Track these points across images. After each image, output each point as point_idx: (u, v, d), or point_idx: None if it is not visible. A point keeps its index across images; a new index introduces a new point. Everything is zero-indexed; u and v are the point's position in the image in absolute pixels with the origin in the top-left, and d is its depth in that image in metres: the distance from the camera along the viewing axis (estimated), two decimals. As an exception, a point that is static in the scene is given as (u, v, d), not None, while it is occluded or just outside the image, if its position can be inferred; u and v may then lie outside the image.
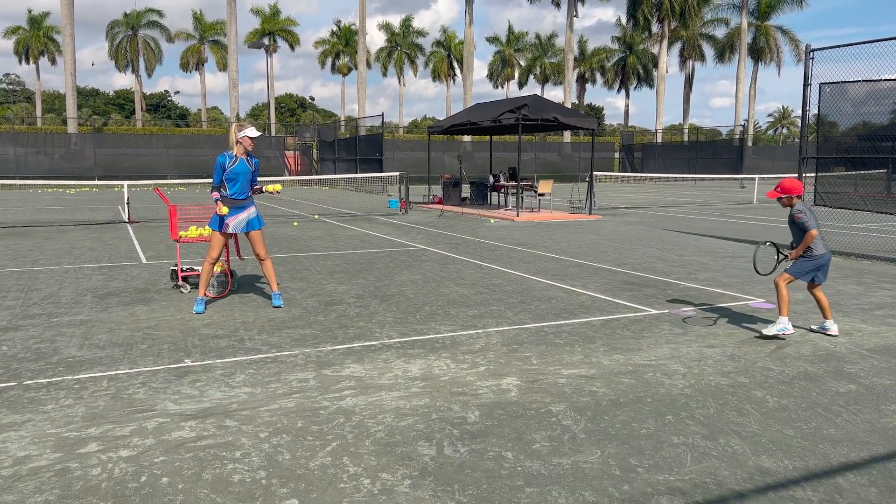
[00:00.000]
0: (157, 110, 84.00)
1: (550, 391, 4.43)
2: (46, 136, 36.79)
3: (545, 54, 68.49)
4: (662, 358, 5.19)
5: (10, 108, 67.03)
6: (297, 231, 14.09)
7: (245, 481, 3.21)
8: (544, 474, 3.28)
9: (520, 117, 16.89)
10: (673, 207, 21.60)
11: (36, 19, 60.47)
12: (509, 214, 17.27)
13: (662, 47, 53.21)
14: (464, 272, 8.99)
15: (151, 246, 11.57)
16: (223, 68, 60.73)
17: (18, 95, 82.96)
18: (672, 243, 12.21)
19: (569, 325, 6.15)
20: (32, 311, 6.64)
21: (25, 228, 14.38)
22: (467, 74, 48.85)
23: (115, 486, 3.15)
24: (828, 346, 5.52)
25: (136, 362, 5.00)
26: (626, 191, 33.02)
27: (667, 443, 3.65)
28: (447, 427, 3.84)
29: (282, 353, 5.26)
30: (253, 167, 6.81)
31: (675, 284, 8.21)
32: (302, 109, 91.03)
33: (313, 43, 70.61)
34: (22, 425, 3.83)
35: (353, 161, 33.07)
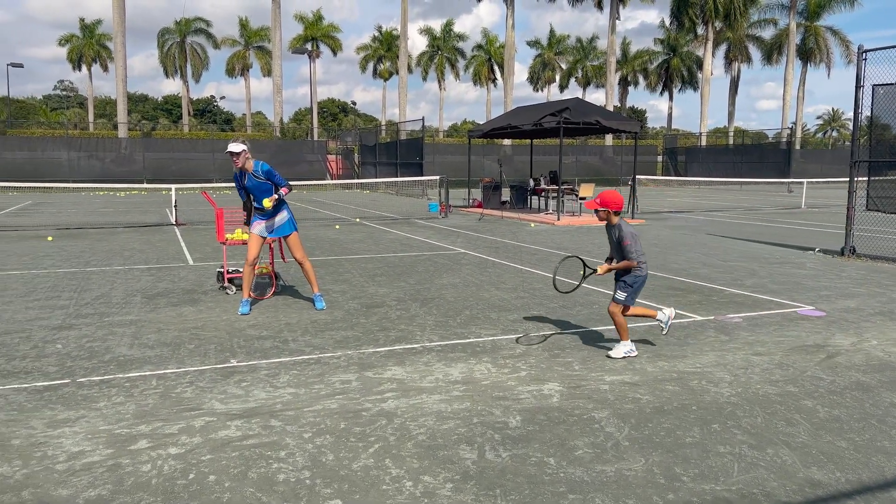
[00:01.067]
0: (204, 115, 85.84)
1: (593, 397, 4.39)
2: (98, 140, 37.93)
3: (587, 57, 67.94)
4: (708, 365, 5.09)
5: (63, 114, 69.26)
6: (339, 234, 14.24)
7: (290, 481, 3.25)
8: (587, 481, 3.25)
9: (561, 120, 16.79)
10: (717, 212, 21.20)
11: (89, 27, 62.36)
12: (550, 218, 17.16)
13: (707, 49, 52.32)
14: (504, 276, 8.97)
15: (198, 248, 11.82)
16: (267, 74, 61.73)
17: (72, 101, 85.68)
18: (717, 248, 11.98)
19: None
20: (85, 310, 6.85)
21: (78, 230, 14.83)
22: (508, 78, 48.78)
23: (165, 482, 3.23)
24: (881, 356, 5.35)
25: (183, 362, 5.11)
26: (670, 195, 32.53)
27: (713, 452, 3.59)
28: (489, 431, 3.84)
29: (324, 355, 5.32)
30: (261, 177, 6.71)
31: (721, 290, 8.06)
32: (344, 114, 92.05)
33: (355, 48, 71.44)
34: (76, 421, 3.95)
35: (394, 165, 33.28)
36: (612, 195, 5.29)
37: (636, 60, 65.67)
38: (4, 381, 4.62)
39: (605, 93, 50.41)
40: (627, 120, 19.65)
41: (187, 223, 16.44)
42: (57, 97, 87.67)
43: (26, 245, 12.14)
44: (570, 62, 69.11)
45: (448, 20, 78.48)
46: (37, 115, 59.06)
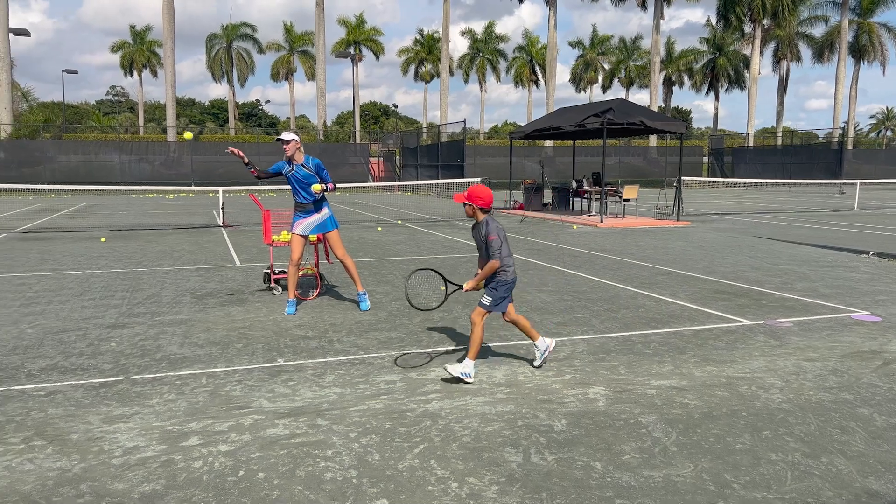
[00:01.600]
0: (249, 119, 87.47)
1: (640, 402, 4.33)
2: (148, 144, 38.97)
3: (630, 57, 67.14)
4: (758, 371, 4.98)
5: (115, 118, 71.33)
6: (381, 236, 14.35)
7: (336, 480, 3.29)
8: (635, 486, 3.21)
9: (605, 121, 16.63)
10: (766, 214, 20.72)
11: (139, 34, 64.13)
12: (593, 220, 17.01)
13: (755, 48, 51.21)
14: (547, 278, 8.92)
15: (245, 249, 12.04)
16: (311, 78, 62.64)
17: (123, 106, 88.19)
18: (765, 251, 11.71)
19: (658, 335, 6.00)
20: (137, 309, 7.04)
21: (130, 231, 15.25)
22: (550, 79, 48.51)
23: (216, 478, 3.30)
24: (942, 363, 5.16)
25: (232, 361, 5.21)
26: (716, 196, 31.92)
27: (764, 459, 3.51)
28: (533, 434, 3.82)
29: (369, 355, 5.36)
30: (311, 170, 6.78)
31: (770, 294, 7.87)
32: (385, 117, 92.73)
33: (397, 51, 71.89)
34: (130, 418, 4.06)
35: (435, 167, 33.40)
36: (480, 189, 4.79)
37: (681, 60, 64.62)
38: (62, 378, 4.78)
39: (649, 93, 49.74)
40: (672, 120, 19.35)
41: (234, 225, 16.77)
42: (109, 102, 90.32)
43: (81, 245, 12.53)
44: (613, 62, 68.41)
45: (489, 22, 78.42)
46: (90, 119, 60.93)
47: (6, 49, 35.80)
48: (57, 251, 11.75)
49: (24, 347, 5.56)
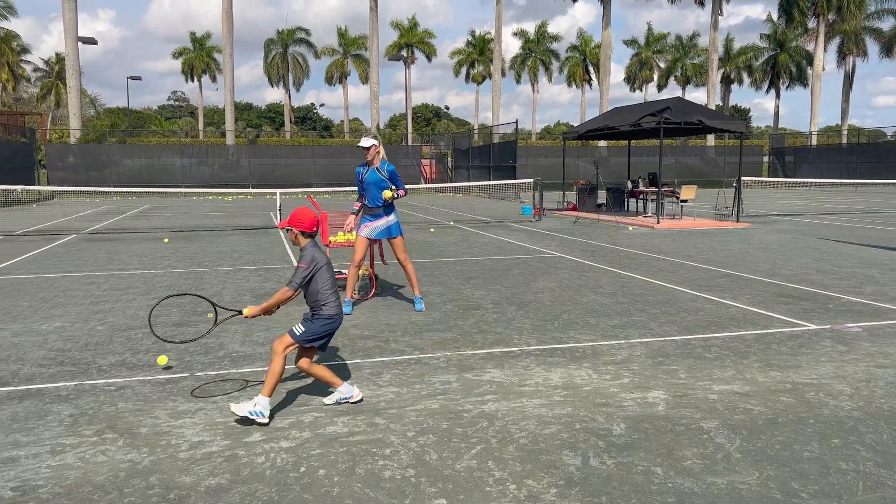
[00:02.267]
0: (304, 122, 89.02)
1: (701, 407, 4.24)
2: (207, 147, 40.06)
3: (686, 55, 65.76)
4: (825, 377, 4.82)
5: (176, 123, 73.60)
6: (433, 237, 14.41)
7: (395, 478, 3.32)
8: (697, 493, 3.15)
9: (661, 120, 16.34)
10: (830, 215, 20.01)
11: (199, 40, 66.00)
12: (649, 221, 16.72)
13: (818, 43, 49.53)
14: (602, 280, 8.81)
15: (300, 250, 12.25)
16: (364, 81, 63.38)
17: (183, 111, 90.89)
18: (831, 253, 11.31)
19: (718, 339, 5.87)
20: (200, 308, 7.24)
21: (191, 232, 15.71)
22: (603, 78, 47.91)
23: (278, 474, 3.37)
24: None
25: (291, 359, 5.30)
26: (777, 197, 30.98)
27: (834, 468, 3.39)
28: (592, 438, 3.78)
29: (424, 356, 5.40)
30: (385, 174, 6.83)
31: (837, 298, 7.60)
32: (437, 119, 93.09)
33: (449, 53, 72.09)
34: (195, 413, 4.19)
35: (487, 168, 33.37)
36: (302, 212, 4.30)
37: (740, 57, 62.94)
38: (131, 374, 4.96)
39: (707, 91, 48.62)
40: (732, 119, 18.88)
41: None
42: (170, 107, 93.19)
43: (145, 246, 12.97)
44: (668, 61, 67.13)
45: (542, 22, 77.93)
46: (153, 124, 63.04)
47: (75, 57, 37.32)
48: (123, 251, 12.19)
49: (95, 344, 5.79)
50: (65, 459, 3.54)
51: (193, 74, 66.51)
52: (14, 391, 4.59)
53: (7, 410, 4.24)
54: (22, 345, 5.77)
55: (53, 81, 59.47)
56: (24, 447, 3.69)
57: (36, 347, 5.69)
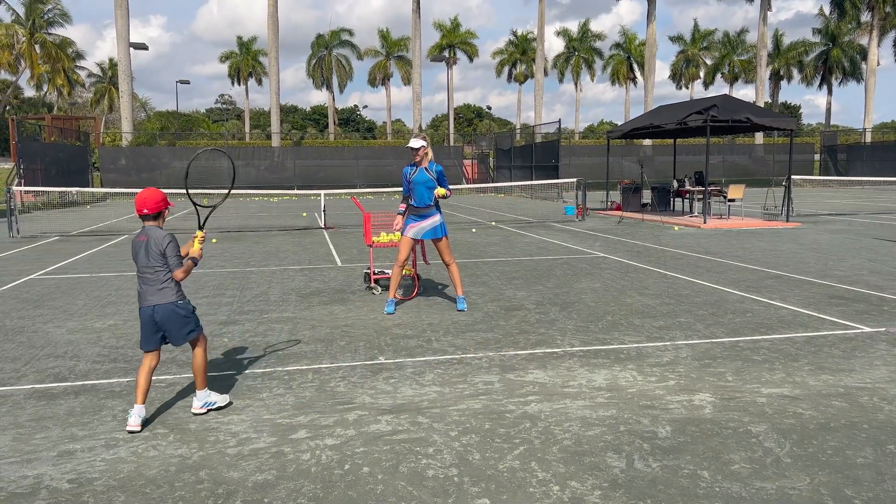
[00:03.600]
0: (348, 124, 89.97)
1: (749, 410, 4.16)
2: (254, 149, 40.79)
3: (734, 51, 64.34)
4: (880, 381, 4.67)
5: (223, 125, 75.13)
6: (475, 237, 14.41)
7: (438, 477, 3.34)
8: (745, 497, 3.09)
9: (708, 118, 16.03)
10: (886, 214, 19.36)
11: (245, 44, 67.27)
12: (695, 221, 16.42)
13: (873, 37, 47.94)
14: (647, 281, 8.69)
15: (345, 250, 12.40)
16: (407, 82, 63.70)
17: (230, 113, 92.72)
18: (886, 254, 10.95)
19: (767, 341, 5.74)
20: (247, 307, 7.39)
21: (238, 233, 16.03)
22: (648, 76, 47.22)
23: (323, 471, 3.42)
24: None
25: (336, 357, 5.39)
26: (829, 196, 30.10)
27: (889, 475, 3.29)
28: (636, 440, 3.74)
29: (467, 356, 5.41)
30: (433, 175, 6.91)
31: (892, 300, 7.35)
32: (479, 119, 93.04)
33: (491, 53, 72.01)
34: (243, 410, 4.27)
35: (529, 168, 33.21)
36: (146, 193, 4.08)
37: (790, 53, 61.35)
38: (181, 371, 5.09)
39: (755, 88, 47.52)
40: (781, 117, 18.42)
41: (335, 227, 17.29)
42: (218, 110, 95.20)
43: (194, 246, 13.27)
44: (715, 58, 65.79)
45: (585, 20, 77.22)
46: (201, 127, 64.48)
47: (127, 62, 38.41)
48: (173, 251, 12.49)
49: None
50: (118, 453, 3.65)
51: (239, 78, 67.83)
52: (70, 387, 4.76)
53: (64, 405, 4.39)
54: (77, 342, 5.97)
55: (107, 86, 61.29)
56: (80, 441, 3.82)
57: (91, 344, 5.88)
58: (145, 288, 4.04)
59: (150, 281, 4.03)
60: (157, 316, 4.03)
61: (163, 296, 4.03)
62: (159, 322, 4.05)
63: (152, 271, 4.02)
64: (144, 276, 4.04)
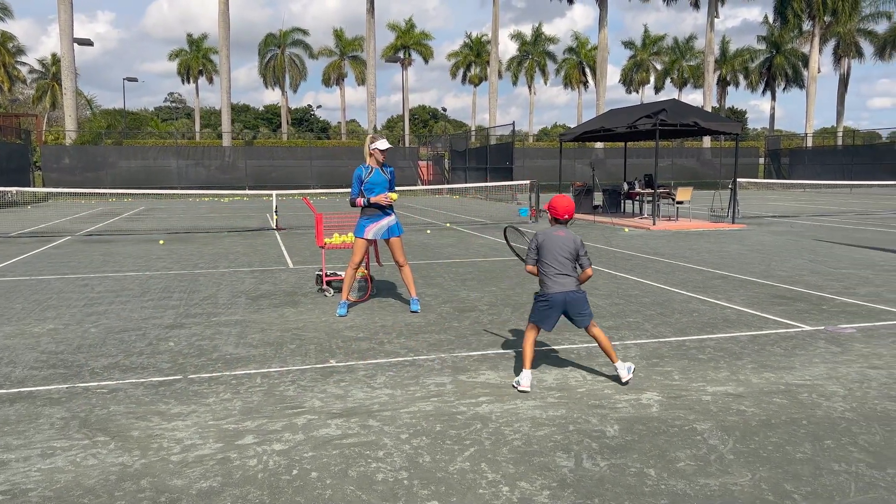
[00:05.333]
0: (301, 124, 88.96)
1: (694, 408, 4.24)
2: (204, 149, 40.02)
3: (683, 57, 65.93)
4: (819, 378, 4.82)
5: (172, 125, 73.50)
6: (429, 239, 14.41)
7: (388, 480, 3.31)
8: (690, 494, 3.14)
9: (657, 122, 16.35)
10: (825, 216, 20.06)
11: (196, 42, 65.94)
12: (645, 223, 16.74)
13: (814, 45, 49.67)
14: (598, 282, 8.81)
15: (297, 252, 12.25)
16: (362, 83, 63.35)
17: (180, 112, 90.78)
18: (826, 255, 11.33)
19: (713, 340, 5.87)
20: (194, 310, 7.23)
21: (187, 234, 15.68)
22: (600, 80, 47.97)
23: (270, 477, 3.36)
24: None
25: (285, 361, 5.31)
26: (772, 199, 31.05)
27: (826, 469, 3.39)
28: (585, 440, 3.78)
29: (419, 357, 5.39)
30: (388, 176, 6.99)
31: (831, 299, 7.61)
32: (434, 120, 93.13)
33: (446, 55, 72.16)
34: (188, 416, 4.17)
35: (484, 170, 33.38)
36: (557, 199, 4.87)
37: (736, 59, 63.12)
38: (124, 376, 4.94)
39: (703, 93, 48.72)
40: (727, 121, 18.91)
41: (287, 228, 17.07)
42: (167, 109, 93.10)
43: (140, 248, 12.95)
44: (665, 63, 67.29)
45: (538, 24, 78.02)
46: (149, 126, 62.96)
47: (71, 58, 37.25)
48: (118, 253, 12.17)
49: (88, 346, 5.77)
50: (55, 463, 3.52)
51: (189, 76, 66.45)
52: (5, 394, 4.57)
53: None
54: (14, 347, 5.75)
55: (49, 83, 59.35)
56: (14, 450, 3.67)
57: (28, 350, 5.67)
58: (559, 278, 4.66)
59: (564, 272, 4.66)
60: (568, 300, 4.65)
61: (573, 284, 4.68)
62: (568, 305, 4.66)
63: (566, 265, 4.67)
64: (557, 268, 4.66)
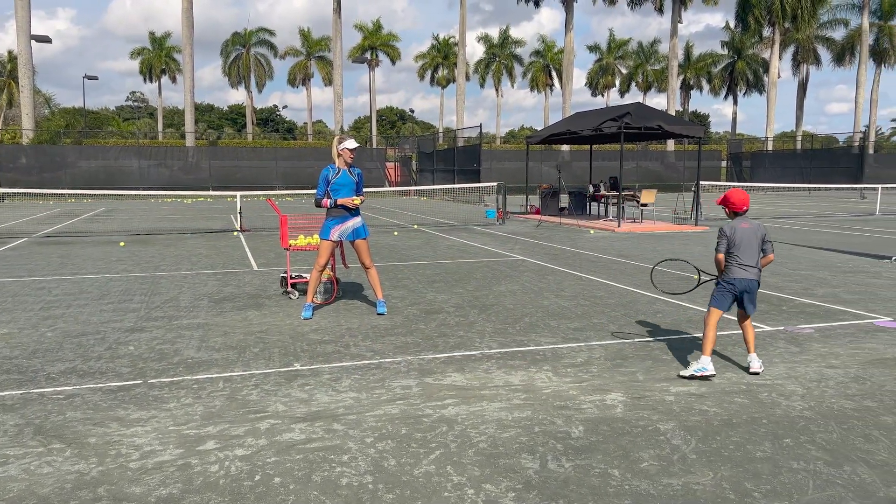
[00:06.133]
0: (267, 124, 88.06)
1: (658, 409, 4.29)
2: (167, 149, 39.35)
3: (648, 61, 66.89)
4: (778, 378, 4.92)
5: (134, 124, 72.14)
6: (397, 240, 14.36)
7: (352, 485, 3.28)
8: (653, 494, 3.17)
9: (622, 125, 16.55)
10: (785, 219, 20.51)
11: (158, 40, 64.84)
12: (610, 225, 16.92)
13: (774, 51, 50.79)
14: (563, 283, 8.87)
15: (262, 254, 12.10)
16: (328, 83, 63.00)
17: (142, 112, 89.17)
18: (785, 256, 11.58)
19: (676, 341, 5.95)
20: (155, 313, 7.09)
21: (148, 236, 15.39)
22: (566, 83, 48.39)
23: (232, 483, 3.30)
24: (968, 371, 5.06)
25: (248, 365, 5.23)
26: (734, 201, 31.59)
27: (785, 467, 3.45)
28: (550, 441, 3.79)
29: (385, 360, 5.36)
30: (356, 178, 6.94)
31: (790, 300, 7.77)
32: (402, 121, 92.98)
33: (414, 57, 72.13)
34: (147, 421, 4.08)
35: (451, 172, 33.42)
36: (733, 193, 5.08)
37: (699, 64, 64.26)
38: (81, 381, 4.82)
39: (667, 97, 49.47)
40: (691, 125, 19.22)
41: (251, 229, 16.86)
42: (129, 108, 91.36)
43: (100, 250, 12.66)
44: (630, 67, 68.17)
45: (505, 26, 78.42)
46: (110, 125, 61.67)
47: (28, 55, 36.32)
48: (76, 255, 11.88)
49: (44, 351, 5.61)
50: (8, 471, 3.41)
51: (152, 75, 65.31)
52: (-44, 401, 4.42)
53: (-52, 421, 4.07)
54: (-34, 352, 5.57)
55: (6, 81, 57.74)
56: (-35, 459, 3.55)
57: (-19, 355, 5.49)
58: (746, 267, 4.90)
59: (751, 263, 4.91)
60: (749, 288, 4.91)
61: (756, 274, 4.93)
62: (746, 293, 4.92)
63: (753, 255, 4.92)
64: (745, 258, 4.91)
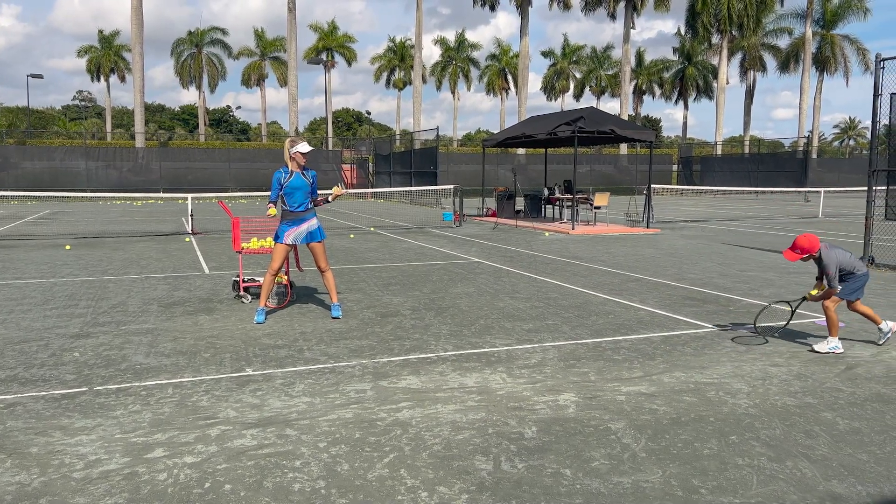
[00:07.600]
0: (220, 125, 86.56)
1: (609, 408, 4.36)
2: (116, 150, 38.33)
3: (601, 66, 67.94)
4: (725, 376, 5.05)
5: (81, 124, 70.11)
6: (353, 243, 14.28)
7: (305, 490, 3.25)
8: (604, 493, 3.22)
9: (576, 129, 16.77)
10: (733, 221, 21.06)
11: (107, 38, 63.18)
12: (564, 227, 17.12)
13: (722, 58, 52.13)
14: (518, 285, 8.95)
15: (214, 257, 11.89)
16: (283, 84, 62.30)
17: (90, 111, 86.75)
18: (733, 258, 11.89)
19: (627, 341, 6.05)
20: (102, 318, 6.90)
21: (95, 239, 14.97)
22: (522, 87, 48.82)
23: (181, 491, 3.23)
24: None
25: (199, 370, 5.13)
26: (685, 204, 32.36)
27: (731, 464, 3.55)
28: (504, 442, 3.82)
29: (339, 364, 5.32)
30: (310, 180, 6.85)
31: (738, 301, 7.99)
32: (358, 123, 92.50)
33: (370, 59, 71.84)
34: (93, 430, 3.97)
35: (408, 174, 33.38)
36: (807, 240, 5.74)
37: (651, 69, 65.57)
38: (23, 389, 4.66)
39: (620, 102, 50.34)
40: (642, 129, 19.59)
41: (203, 232, 16.56)
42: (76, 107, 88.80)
43: (45, 254, 12.27)
44: (584, 71, 69.14)
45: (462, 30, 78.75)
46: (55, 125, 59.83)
47: (-31, 52, 35.02)
48: (19, 259, 11.50)
49: (-16, 358, 5.41)
50: (-57, 484, 3.28)
51: (100, 74, 63.61)
52: None
53: None
54: None
55: (-56, 78, 55.58)
56: None
57: (-85, 363, 5.27)
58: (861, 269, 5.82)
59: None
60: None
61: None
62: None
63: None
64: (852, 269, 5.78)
